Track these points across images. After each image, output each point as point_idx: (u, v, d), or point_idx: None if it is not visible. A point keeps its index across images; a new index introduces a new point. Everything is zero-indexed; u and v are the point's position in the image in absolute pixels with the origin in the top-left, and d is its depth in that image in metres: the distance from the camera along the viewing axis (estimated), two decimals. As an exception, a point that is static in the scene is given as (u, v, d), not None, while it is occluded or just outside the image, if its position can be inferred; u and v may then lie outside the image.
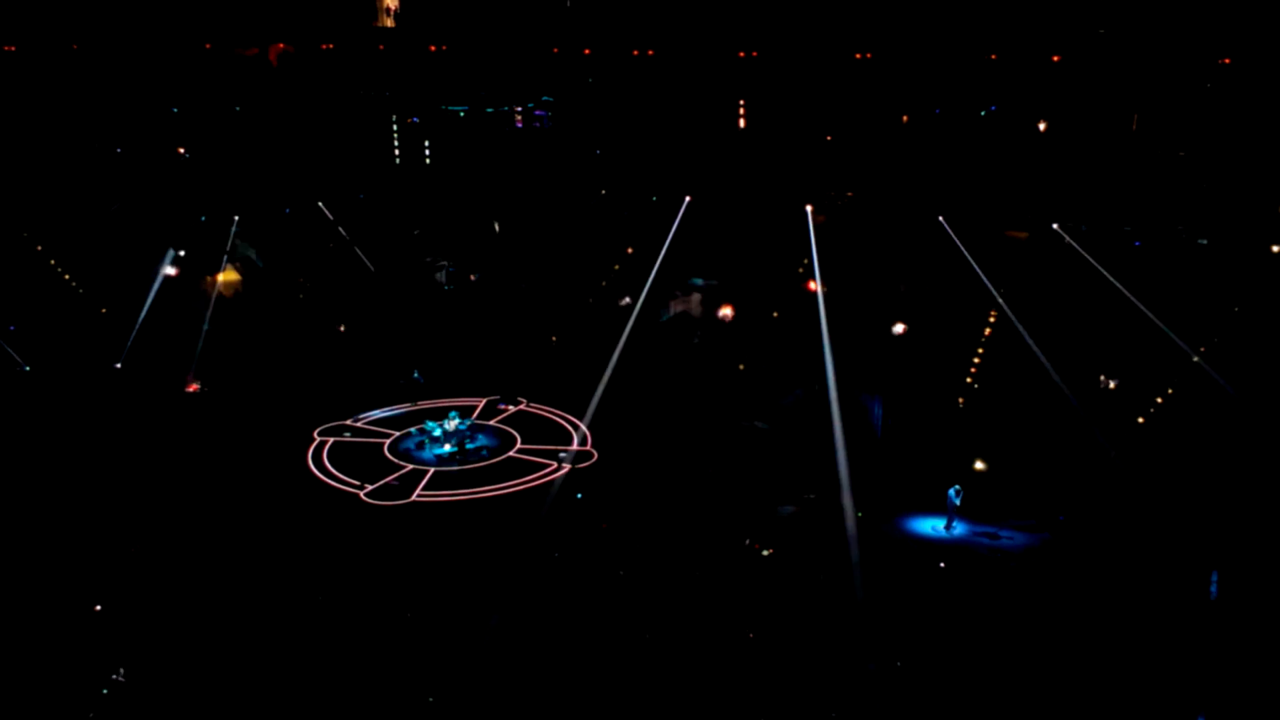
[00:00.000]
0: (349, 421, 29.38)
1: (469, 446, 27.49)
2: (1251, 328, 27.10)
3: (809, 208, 32.99)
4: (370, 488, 24.98)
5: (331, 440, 28.08)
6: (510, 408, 30.81)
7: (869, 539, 21.76)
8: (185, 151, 37.42)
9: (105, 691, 16.21)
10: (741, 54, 34.35)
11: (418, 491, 24.96)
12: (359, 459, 26.91)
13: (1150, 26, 29.65)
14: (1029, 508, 23.36)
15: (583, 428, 28.20)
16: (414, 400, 30.78)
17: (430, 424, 28.14)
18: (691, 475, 25.37)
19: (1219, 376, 25.94)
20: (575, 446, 27.57)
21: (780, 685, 16.59)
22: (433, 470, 26.24)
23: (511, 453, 27.62)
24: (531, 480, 25.67)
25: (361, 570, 20.49)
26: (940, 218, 31.79)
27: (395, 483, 25.39)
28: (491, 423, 29.70)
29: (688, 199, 34.20)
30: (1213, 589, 19.38)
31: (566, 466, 26.45)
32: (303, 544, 21.80)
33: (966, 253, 30.60)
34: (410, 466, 26.46)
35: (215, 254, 35.57)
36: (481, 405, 30.53)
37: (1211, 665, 17.09)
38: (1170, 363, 27.24)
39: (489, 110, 38.66)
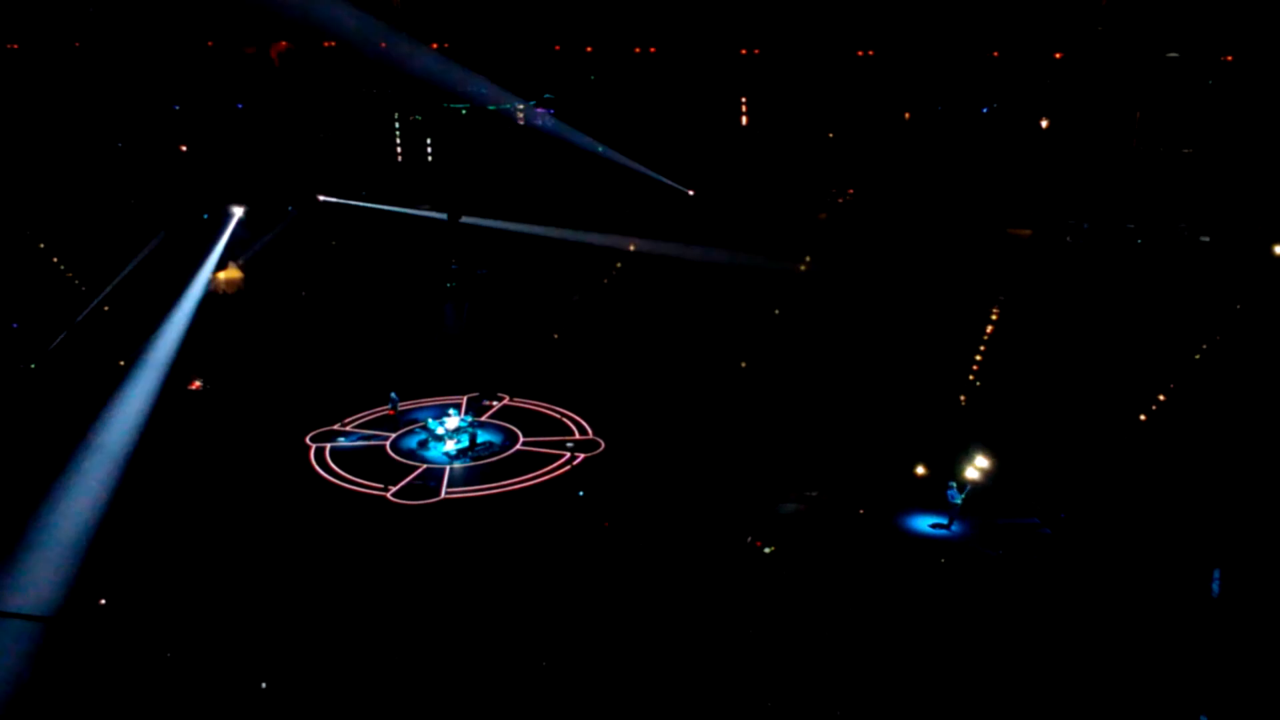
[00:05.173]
0: (337, 426, 29.34)
1: (480, 440, 27.75)
2: (1253, 325, 27.10)
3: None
4: (395, 488, 25.05)
5: (329, 446, 27.99)
6: (494, 404, 30.94)
7: (867, 537, 21.88)
8: (186, 149, 37.48)
9: None
10: (744, 51, 34.34)
11: (444, 490, 25.08)
12: (362, 460, 27.01)
13: (1152, 25, 29.61)
14: (1031, 505, 23.38)
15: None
16: (395, 406, 29.90)
17: (432, 423, 28.21)
18: (694, 473, 25.42)
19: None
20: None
21: (782, 683, 16.65)
22: (449, 468, 26.37)
23: (518, 447, 27.89)
24: (544, 474, 25.90)
25: (417, 571, 20.61)
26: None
27: (419, 481, 25.44)
28: (484, 419, 29.82)
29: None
30: (1214, 587, 19.39)
31: (580, 457, 26.73)
32: (337, 546, 21.83)
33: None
34: (424, 465, 26.57)
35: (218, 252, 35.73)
36: (464, 403, 30.56)
37: (1212, 665, 17.12)
38: (1172, 360, 27.31)
39: (490, 108, 38.67)
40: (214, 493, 24.41)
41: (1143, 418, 26.91)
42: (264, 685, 16.54)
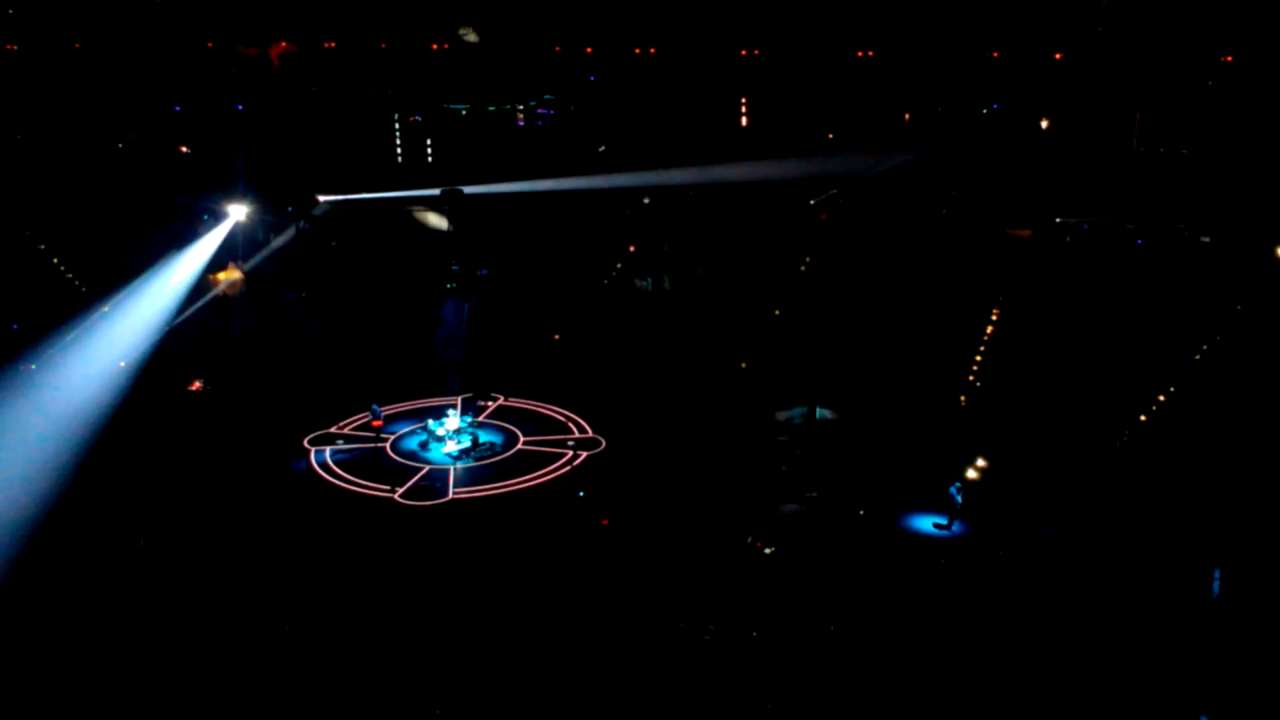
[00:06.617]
0: (333, 430, 29.22)
1: (482, 439, 27.77)
2: (1254, 326, 27.08)
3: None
4: (401, 490, 25.00)
5: (329, 448, 27.94)
6: (489, 404, 30.94)
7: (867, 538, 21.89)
8: (187, 150, 37.43)
9: None
10: (744, 52, 34.31)
11: (452, 491, 25.06)
12: (364, 462, 26.99)
13: (1152, 24, 29.59)
14: (1031, 506, 23.40)
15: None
16: (378, 416, 29.45)
17: (433, 423, 28.21)
18: (694, 472, 25.44)
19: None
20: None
21: (783, 684, 16.66)
22: (452, 469, 26.37)
23: (520, 446, 27.87)
24: (548, 473, 25.94)
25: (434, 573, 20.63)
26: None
27: (425, 482, 25.42)
28: (482, 419, 29.84)
29: None
30: (1215, 588, 19.40)
31: (582, 455, 26.78)
32: (346, 547, 21.83)
33: None
34: (427, 467, 26.54)
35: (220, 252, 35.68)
36: (459, 404, 30.59)
37: (1212, 665, 17.13)
38: (1172, 360, 27.31)
39: (490, 109, 38.65)
40: (214, 493, 24.43)
41: (1143, 418, 26.91)
42: (264, 686, 16.56)
